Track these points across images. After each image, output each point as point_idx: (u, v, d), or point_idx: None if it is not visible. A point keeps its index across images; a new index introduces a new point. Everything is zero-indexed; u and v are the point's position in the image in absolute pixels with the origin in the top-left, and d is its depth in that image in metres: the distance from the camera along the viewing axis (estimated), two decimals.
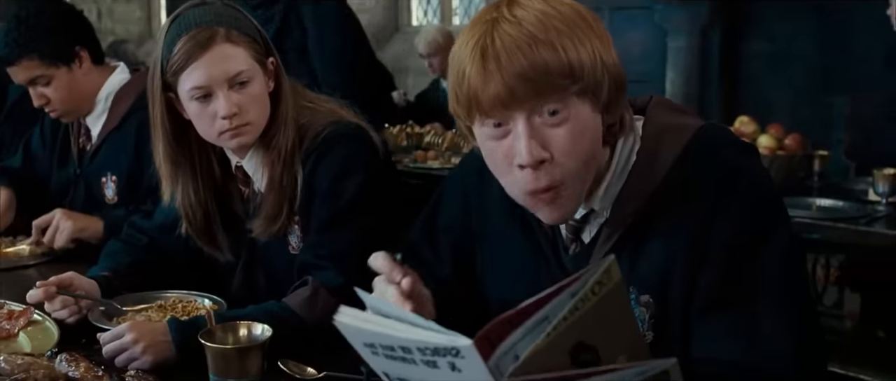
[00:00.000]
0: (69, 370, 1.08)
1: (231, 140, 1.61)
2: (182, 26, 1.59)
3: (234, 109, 1.57)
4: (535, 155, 1.10)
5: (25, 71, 2.25)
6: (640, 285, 1.19)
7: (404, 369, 0.80)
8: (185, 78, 1.57)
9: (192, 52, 1.56)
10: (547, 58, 1.07)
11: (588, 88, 1.11)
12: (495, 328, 0.74)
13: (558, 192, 1.13)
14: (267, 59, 1.65)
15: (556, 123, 1.11)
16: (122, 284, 1.72)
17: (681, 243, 1.17)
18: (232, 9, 1.65)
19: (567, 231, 1.26)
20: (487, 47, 1.09)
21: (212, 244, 1.75)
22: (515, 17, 1.10)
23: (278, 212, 1.64)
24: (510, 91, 1.08)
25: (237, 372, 1.21)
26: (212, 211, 1.73)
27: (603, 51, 1.12)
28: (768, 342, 1.12)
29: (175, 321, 1.44)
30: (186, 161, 1.69)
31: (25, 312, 1.59)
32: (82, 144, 2.43)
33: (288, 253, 1.69)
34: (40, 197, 2.46)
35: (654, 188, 1.19)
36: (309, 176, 1.63)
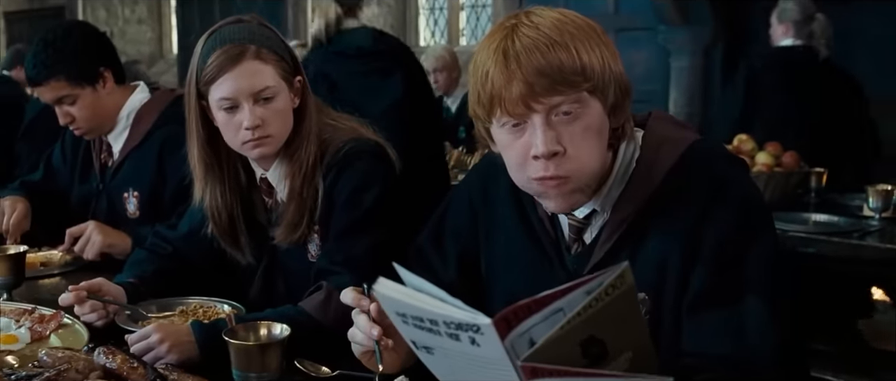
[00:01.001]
0: (107, 361, 1.17)
1: (253, 150, 1.72)
2: (217, 41, 1.70)
3: (258, 121, 1.68)
4: (551, 147, 1.21)
5: (52, 91, 2.35)
6: (637, 282, 1.28)
7: (430, 338, 0.90)
8: (216, 89, 1.69)
9: (223, 65, 1.67)
10: (562, 57, 1.19)
11: (597, 87, 1.22)
12: (514, 311, 0.84)
13: (566, 183, 1.24)
14: (294, 78, 1.76)
15: (570, 121, 1.22)
16: (147, 290, 1.81)
17: (675, 245, 1.27)
18: (265, 28, 1.77)
19: (570, 231, 1.37)
20: (509, 49, 1.21)
21: (235, 246, 1.85)
22: (533, 22, 1.22)
23: (299, 221, 1.74)
24: (530, 87, 1.19)
25: (258, 368, 1.30)
26: (237, 215, 1.83)
27: (610, 58, 1.24)
28: (754, 338, 1.22)
29: (198, 323, 1.54)
30: (216, 165, 1.80)
31: (56, 315, 1.69)
32: (104, 160, 2.53)
33: (307, 260, 1.79)
34: (60, 210, 2.56)
35: (652, 193, 1.30)
36: (329, 188, 1.73)
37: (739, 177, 1.32)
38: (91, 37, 2.45)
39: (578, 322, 0.82)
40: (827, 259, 2.72)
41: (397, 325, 0.96)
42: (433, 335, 0.89)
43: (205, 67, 1.69)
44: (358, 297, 1.31)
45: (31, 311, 1.75)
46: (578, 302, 0.82)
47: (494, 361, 0.84)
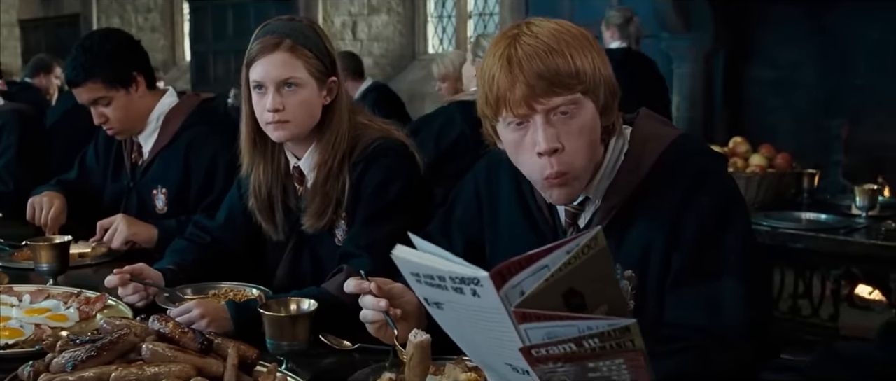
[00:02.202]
0: (160, 327, 1.34)
1: (273, 132, 1.91)
2: (263, 31, 1.92)
3: (278, 106, 1.87)
4: (551, 144, 1.37)
5: (89, 92, 2.52)
6: (624, 262, 1.46)
7: (439, 294, 1.06)
8: (252, 71, 1.90)
9: (260, 52, 1.89)
10: (559, 63, 1.35)
11: (590, 89, 1.38)
12: (507, 267, 1.00)
13: (567, 177, 1.40)
14: (328, 78, 1.94)
15: (567, 120, 1.38)
16: (184, 276, 1.98)
17: (658, 229, 1.44)
18: (312, 30, 1.96)
19: (566, 217, 1.53)
20: (512, 56, 1.37)
21: (270, 220, 2.04)
22: (532, 32, 1.39)
23: (324, 210, 1.93)
24: (532, 90, 1.35)
25: (290, 337, 1.47)
26: (275, 193, 2.02)
27: (600, 63, 1.40)
28: (728, 312, 1.38)
29: (232, 302, 1.71)
30: (260, 141, 1.99)
31: (101, 297, 1.86)
32: (135, 160, 2.70)
33: (333, 244, 1.97)
34: (93, 206, 2.73)
35: (638, 183, 1.46)
36: (358, 180, 1.91)
37: (717, 170, 1.49)
38: (126, 43, 2.62)
39: (560, 276, 0.97)
40: (814, 254, 2.88)
41: (412, 284, 1.12)
42: (441, 291, 1.05)
43: (249, 52, 1.91)
44: (359, 283, 1.47)
45: (76, 294, 1.92)
46: (560, 259, 0.98)
47: (492, 310, 0.99)
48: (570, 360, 0.99)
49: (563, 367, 1.00)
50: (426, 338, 1.33)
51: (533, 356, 1.00)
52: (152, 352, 1.27)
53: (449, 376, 1.41)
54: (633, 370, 0.99)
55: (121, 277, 1.82)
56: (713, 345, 1.34)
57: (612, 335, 0.94)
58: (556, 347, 0.98)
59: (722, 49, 5.81)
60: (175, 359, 1.26)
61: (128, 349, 1.30)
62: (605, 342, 0.96)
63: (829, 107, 5.33)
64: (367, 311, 1.46)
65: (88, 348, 1.29)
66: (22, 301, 1.87)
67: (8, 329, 1.67)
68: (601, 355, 0.97)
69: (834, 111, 5.28)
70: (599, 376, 1.00)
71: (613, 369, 0.99)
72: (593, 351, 0.96)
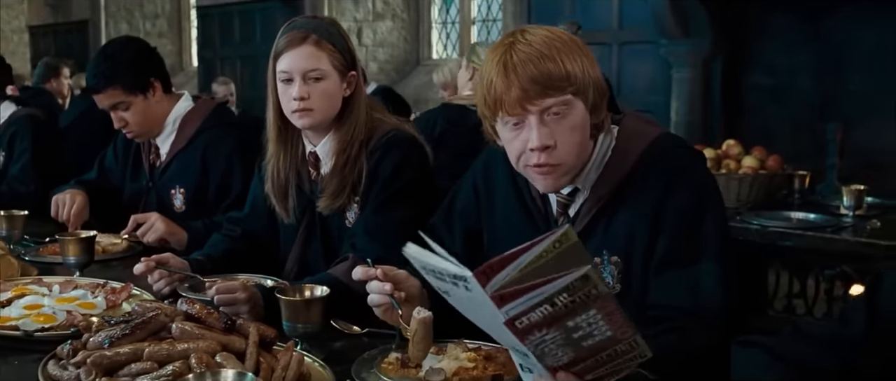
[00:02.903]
0: (188, 308, 1.46)
1: (299, 119, 2.06)
2: (290, 27, 2.08)
3: (304, 94, 2.02)
4: (544, 141, 1.51)
5: (109, 98, 2.66)
6: (610, 248, 1.59)
7: (444, 285, 1.19)
8: (280, 62, 2.05)
9: (288, 45, 2.04)
10: (550, 67, 1.48)
11: (580, 90, 1.51)
12: (490, 266, 1.11)
13: (555, 169, 1.54)
14: (349, 72, 2.09)
15: (559, 119, 1.51)
16: (212, 267, 2.11)
17: (642, 218, 1.57)
18: (334, 27, 2.12)
19: (557, 207, 1.67)
20: (508, 62, 1.50)
21: (283, 203, 2.18)
22: (526, 40, 1.52)
23: (340, 192, 2.08)
24: (526, 93, 1.48)
25: (304, 320, 1.60)
26: (291, 178, 2.17)
27: (589, 66, 1.54)
28: (706, 294, 1.51)
29: (263, 288, 1.86)
30: (285, 129, 2.14)
31: (126, 287, 1.99)
32: (153, 161, 2.83)
33: (344, 226, 2.12)
34: (112, 205, 2.87)
35: (624, 176, 1.60)
36: (374, 167, 2.06)
37: (695, 164, 1.62)
38: (144, 51, 2.76)
39: (531, 269, 1.07)
40: (802, 252, 3.00)
41: (425, 275, 1.25)
42: (445, 283, 1.18)
43: (277, 46, 2.06)
44: (366, 270, 1.60)
45: (103, 285, 2.04)
46: (533, 254, 1.09)
47: (482, 303, 1.11)
48: (551, 325, 1.10)
49: (550, 334, 1.12)
50: (428, 315, 1.46)
51: (517, 328, 1.11)
52: (181, 330, 1.40)
53: (451, 355, 1.53)
54: (608, 318, 1.10)
55: (147, 264, 1.95)
56: (693, 325, 1.47)
57: (577, 286, 1.05)
58: (533, 312, 1.09)
59: (720, 55, 5.89)
60: (202, 337, 1.39)
61: (159, 328, 1.43)
62: (573, 295, 1.06)
63: (825, 112, 5.40)
64: (374, 295, 1.58)
65: (123, 327, 1.42)
66: (52, 291, 1.99)
67: (43, 315, 1.80)
68: (575, 310, 1.08)
69: (829, 116, 5.34)
70: (583, 333, 1.11)
71: (591, 322, 1.10)
72: (567, 307, 1.08)
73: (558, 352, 1.15)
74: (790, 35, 5.58)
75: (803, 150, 5.00)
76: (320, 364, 1.50)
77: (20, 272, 2.16)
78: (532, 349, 1.17)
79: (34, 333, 1.69)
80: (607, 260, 1.59)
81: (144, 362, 1.34)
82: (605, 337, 1.12)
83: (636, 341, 1.14)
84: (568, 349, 1.14)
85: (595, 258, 1.61)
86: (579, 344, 1.13)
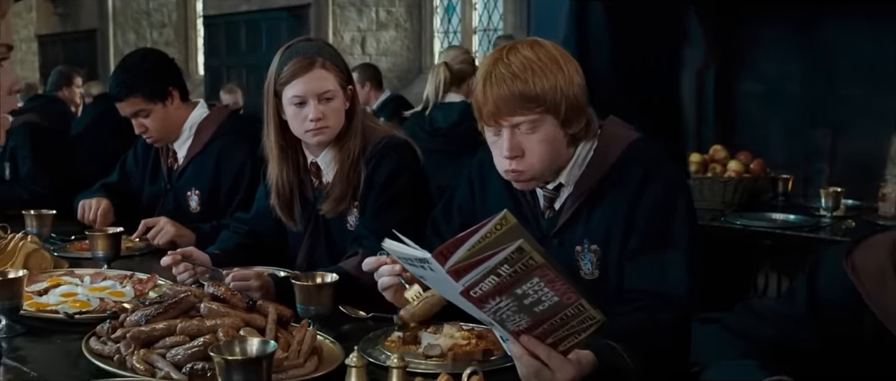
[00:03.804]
0: (214, 290, 1.65)
1: (314, 137, 2.22)
2: (292, 53, 2.22)
3: (320, 115, 2.18)
4: (513, 152, 1.70)
5: (131, 106, 2.85)
6: (591, 238, 1.78)
7: (417, 271, 1.36)
8: (289, 89, 2.20)
9: (297, 72, 2.19)
10: (521, 88, 1.66)
11: (550, 109, 1.69)
12: (446, 247, 1.26)
13: (523, 175, 1.74)
14: (347, 86, 2.26)
15: (529, 133, 1.70)
16: (228, 259, 2.28)
17: (618, 212, 1.76)
18: (328, 46, 2.29)
19: (544, 201, 1.85)
20: (487, 77, 1.69)
21: (288, 214, 2.35)
22: (508, 59, 1.70)
23: (343, 197, 2.25)
24: (498, 109, 1.68)
25: (316, 303, 1.79)
26: (294, 190, 2.34)
27: (564, 84, 1.70)
28: (673, 278, 1.70)
29: (275, 276, 2.04)
30: (287, 147, 2.30)
31: (152, 278, 2.18)
32: (170, 164, 3.03)
33: (346, 228, 2.29)
34: (133, 205, 3.06)
35: (603, 175, 1.78)
36: (371, 172, 2.24)
37: (668, 165, 1.80)
38: (162, 62, 2.96)
39: (479, 247, 1.24)
40: (782, 249, 3.18)
41: (404, 265, 1.43)
42: (416, 268, 1.36)
43: (281, 73, 2.21)
44: (377, 258, 1.79)
45: (130, 276, 2.23)
46: (479, 235, 1.25)
47: (445, 279, 1.28)
48: (501, 292, 1.28)
49: (503, 301, 1.30)
50: None
51: (473, 296, 1.29)
52: (209, 309, 1.59)
53: (447, 334, 1.72)
54: (550, 285, 1.27)
55: (173, 257, 2.14)
56: (661, 305, 1.66)
57: (515, 258, 1.22)
58: (483, 282, 1.26)
59: (713, 64, 6.01)
60: (227, 314, 1.57)
61: (188, 308, 1.61)
62: (513, 266, 1.24)
63: (815, 118, 5.55)
64: (385, 278, 1.76)
65: (156, 307, 1.61)
66: (83, 282, 2.18)
67: (78, 302, 1.99)
68: (518, 279, 1.26)
69: (819, 122, 5.48)
70: (533, 300, 1.29)
71: (537, 289, 1.28)
72: (511, 277, 1.25)
73: (515, 318, 1.33)
74: (782, 44, 5.67)
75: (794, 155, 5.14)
76: (331, 341, 1.68)
77: (52, 265, 2.35)
78: (491, 315, 1.35)
79: (74, 315, 1.87)
80: (587, 249, 1.78)
81: (177, 336, 1.53)
82: (553, 303, 1.30)
83: (583, 305, 1.32)
84: (524, 315, 1.32)
85: (577, 246, 1.79)
86: (532, 310, 1.31)
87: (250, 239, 2.46)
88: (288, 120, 2.24)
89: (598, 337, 1.47)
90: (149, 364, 1.50)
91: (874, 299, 1.38)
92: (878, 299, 1.37)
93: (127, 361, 1.53)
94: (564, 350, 1.38)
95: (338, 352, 1.62)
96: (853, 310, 1.39)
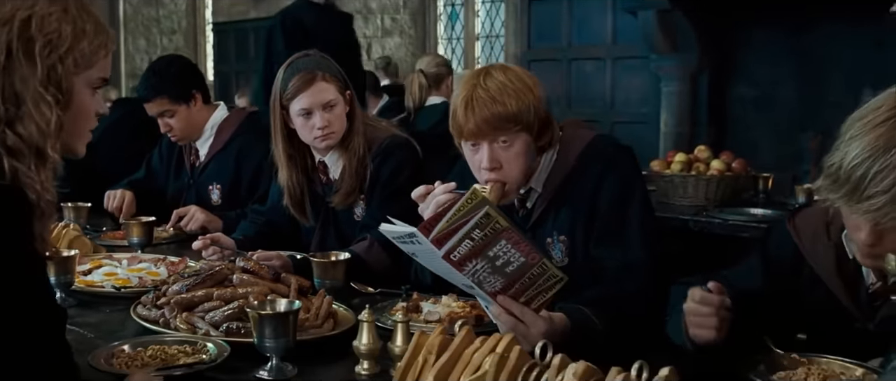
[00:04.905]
0: (244, 264, 1.91)
1: (322, 143, 2.49)
2: (294, 69, 2.49)
3: (326, 123, 2.45)
4: (492, 164, 1.94)
5: (157, 106, 3.12)
6: (559, 230, 2.04)
7: (408, 247, 1.60)
8: (296, 102, 2.46)
9: (301, 87, 2.46)
10: (499, 110, 1.90)
11: (525, 127, 1.93)
12: (429, 221, 1.49)
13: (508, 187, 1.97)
14: (346, 92, 2.53)
15: (507, 148, 1.94)
16: (249, 245, 2.54)
17: (581, 206, 2.01)
18: (324, 59, 2.55)
19: (517, 202, 2.10)
20: (469, 100, 1.92)
21: (300, 211, 2.63)
22: (486, 84, 1.93)
23: (352, 191, 2.52)
24: (479, 128, 1.92)
25: (331, 277, 2.05)
26: (304, 190, 2.61)
27: (535, 103, 1.94)
28: (632, 254, 1.96)
29: (293, 256, 2.30)
30: (295, 154, 2.57)
31: (183, 260, 2.44)
32: (193, 161, 3.30)
33: (353, 219, 2.56)
34: (158, 199, 3.32)
35: (566, 175, 2.03)
36: (376, 169, 2.50)
37: (623, 158, 2.06)
38: (187, 67, 3.24)
39: (455, 219, 1.47)
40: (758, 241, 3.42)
41: (397, 245, 1.65)
42: (407, 245, 1.61)
43: (287, 89, 2.47)
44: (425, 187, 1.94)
45: (162, 259, 2.50)
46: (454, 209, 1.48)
47: (430, 249, 1.52)
48: (476, 255, 1.53)
49: (479, 263, 1.55)
50: None
51: (453, 260, 1.54)
52: (240, 280, 1.86)
53: (444, 304, 1.97)
54: (516, 246, 1.52)
55: (204, 242, 2.41)
56: (625, 276, 1.93)
57: (484, 223, 1.47)
58: (461, 246, 1.50)
59: (706, 69, 6.14)
60: (256, 284, 1.84)
61: (222, 279, 1.88)
62: (484, 230, 1.49)
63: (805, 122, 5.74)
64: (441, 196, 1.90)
65: (194, 278, 1.87)
66: (122, 264, 2.45)
67: (120, 279, 2.26)
68: (489, 242, 1.51)
69: (809, 126, 5.65)
70: (503, 261, 1.55)
71: (505, 251, 1.53)
72: (482, 240, 1.50)
73: (491, 279, 1.59)
74: (773, 49, 5.83)
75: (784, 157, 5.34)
76: (344, 308, 1.94)
77: (93, 250, 2.61)
78: (471, 277, 1.60)
79: (120, 289, 2.14)
80: (557, 239, 2.04)
81: (214, 301, 1.79)
82: (520, 263, 1.56)
83: (545, 263, 1.58)
84: (498, 276, 1.58)
85: (547, 238, 2.05)
86: (504, 271, 1.57)
87: (267, 228, 2.72)
88: (297, 130, 2.51)
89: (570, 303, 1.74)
90: (190, 325, 1.76)
91: (810, 254, 1.70)
92: (814, 254, 1.70)
93: (171, 322, 1.79)
94: (536, 307, 1.64)
95: (350, 317, 1.88)
96: (794, 263, 1.72)
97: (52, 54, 1.27)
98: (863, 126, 1.46)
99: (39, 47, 1.26)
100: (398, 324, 1.61)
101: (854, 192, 1.43)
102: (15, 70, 1.23)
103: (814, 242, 1.70)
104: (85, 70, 1.33)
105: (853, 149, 1.44)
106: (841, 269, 1.66)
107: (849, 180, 1.44)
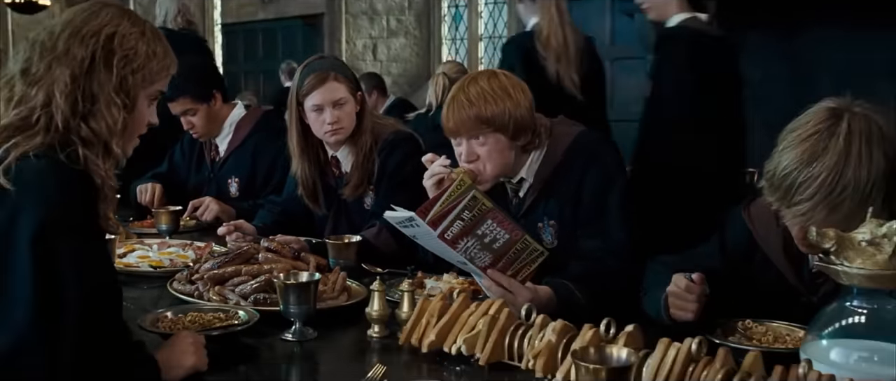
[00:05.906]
0: (268, 245, 2.16)
1: (332, 137, 2.73)
2: (309, 70, 2.73)
3: (335, 119, 2.69)
4: (469, 158, 2.16)
5: (180, 105, 3.35)
6: (549, 216, 2.27)
7: (408, 231, 1.84)
8: (309, 99, 2.70)
9: (315, 85, 2.69)
10: (474, 113, 2.12)
11: (499, 129, 2.14)
12: (425, 206, 1.74)
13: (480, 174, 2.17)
14: (356, 93, 2.77)
15: (482, 145, 2.15)
16: (268, 232, 2.75)
17: (569, 193, 2.24)
18: (338, 61, 2.81)
19: (511, 192, 2.33)
20: (452, 103, 2.15)
21: (314, 201, 2.86)
22: (467, 90, 2.15)
23: (361, 183, 2.76)
24: (457, 128, 2.15)
25: (345, 257, 2.29)
26: (317, 181, 2.85)
27: (512, 108, 2.14)
28: (614, 238, 2.18)
29: (309, 241, 2.53)
30: (308, 147, 2.81)
31: (208, 245, 2.69)
32: (213, 156, 3.54)
33: (363, 208, 2.80)
34: (180, 192, 3.56)
35: (554, 168, 2.26)
36: (383, 162, 2.74)
37: (605, 151, 2.28)
38: (208, 67, 3.54)
39: (448, 202, 1.72)
40: None
41: (400, 229, 1.89)
42: (407, 228, 1.84)
43: (302, 86, 2.72)
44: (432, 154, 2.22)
45: (189, 244, 2.74)
46: (447, 194, 1.73)
47: (428, 231, 1.75)
48: (467, 234, 1.77)
49: (470, 241, 1.79)
50: None
51: (447, 239, 1.78)
52: (265, 257, 2.10)
53: (446, 281, 2.21)
54: (501, 224, 1.76)
55: (228, 228, 2.65)
56: (607, 255, 2.15)
57: (471, 205, 1.72)
58: (453, 226, 1.74)
59: None
60: (280, 260, 2.09)
61: (249, 257, 2.13)
62: (472, 211, 1.73)
63: None
64: (435, 167, 2.17)
65: (224, 257, 2.12)
66: (153, 248, 2.69)
67: (153, 261, 2.51)
68: (477, 222, 1.75)
69: None
70: (490, 238, 1.79)
71: (492, 229, 1.77)
72: (471, 220, 1.75)
73: (481, 255, 1.83)
74: (766, 52, 6.03)
75: None
76: (357, 284, 2.18)
77: (125, 236, 2.86)
78: (463, 254, 1.83)
79: (156, 268, 2.38)
80: (547, 224, 2.27)
81: (243, 275, 2.04)
82: (505, 240, 1.81)
83: (528, 239, 1.83)
84: (487, 252, 1.82)
85: (538, 223, 2.27)
86: (491, 247, 1.81)
87: (284, 217, 2.96)
88: (310, 124, 2.75)
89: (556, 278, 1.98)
90: (222, 296, 2.01)
91: (762, 239, 1.90)
92: (766, 240, 1.91)
93: (204, 295, 2.03)
94: (522, 279, 1.89)
95: (362, 291, 2.11)
96: (748, 248, 1.93)
97: (126, 67, 1.51)
98: (794, 139, 1.65)
99: (118, 59, 1.50)
100: (405, 293, 1.85)
101: (784, 197, 1.62)
102: (95, 75, 1.48)
103: (766, 229, 1.89)
104: (149, 85, 1.57)
105: (784, 159, 1.63)
106: (788, 252, 1.85)
107: (780, 187, 1.63)
